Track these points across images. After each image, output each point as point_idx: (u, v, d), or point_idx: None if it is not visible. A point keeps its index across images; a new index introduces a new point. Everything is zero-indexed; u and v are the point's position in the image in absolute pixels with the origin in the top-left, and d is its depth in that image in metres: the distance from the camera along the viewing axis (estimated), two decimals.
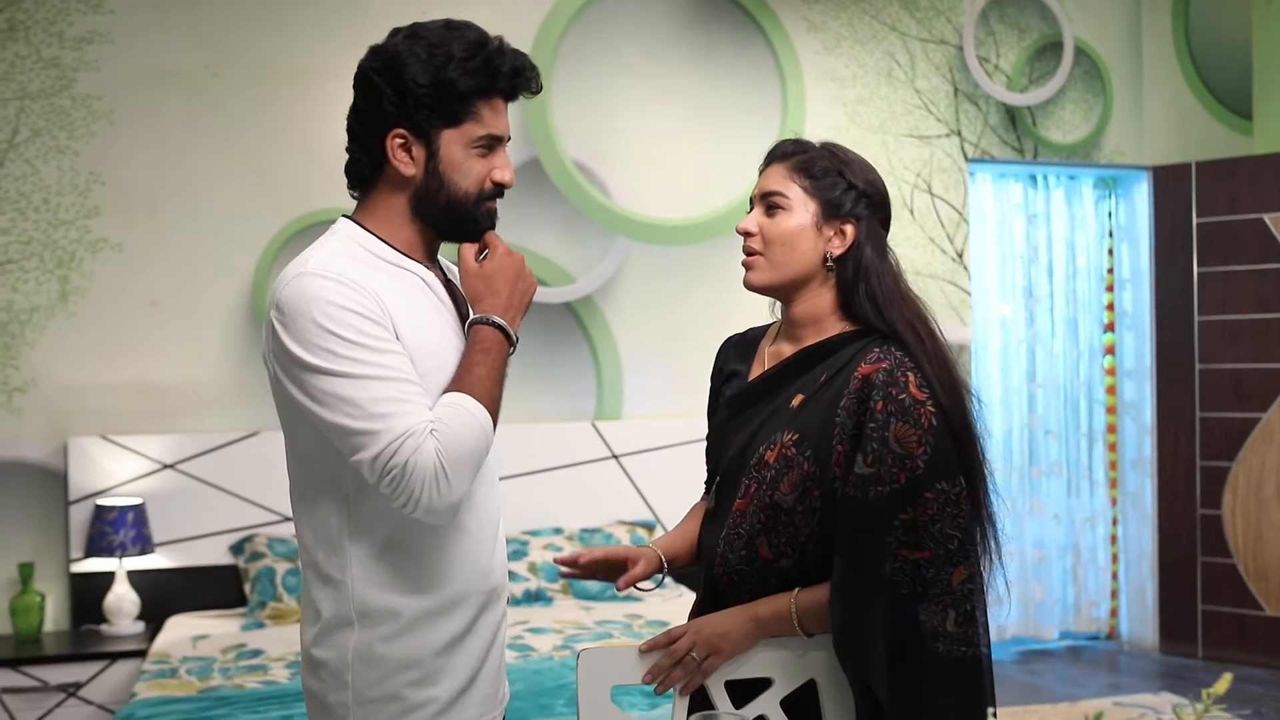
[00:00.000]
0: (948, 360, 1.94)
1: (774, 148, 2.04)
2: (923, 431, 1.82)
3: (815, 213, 1.96)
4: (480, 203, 1.89)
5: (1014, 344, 6.11)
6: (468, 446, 1.74)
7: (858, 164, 2.01)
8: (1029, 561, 6.10)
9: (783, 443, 1.91)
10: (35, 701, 4.26)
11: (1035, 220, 6.15)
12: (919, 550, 1.81)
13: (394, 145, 1.85)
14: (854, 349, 1.93)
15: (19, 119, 4.68)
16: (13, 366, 4.66)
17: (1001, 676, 5.64)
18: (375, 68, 1.85)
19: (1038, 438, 6.14)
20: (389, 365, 1.73)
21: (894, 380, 1.84)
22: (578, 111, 5.26)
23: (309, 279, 1.76)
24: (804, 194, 1.96)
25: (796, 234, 1.95)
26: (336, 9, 4.92)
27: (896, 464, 1.81)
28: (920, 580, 1.81)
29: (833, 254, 1.96)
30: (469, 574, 1.86)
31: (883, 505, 1.81)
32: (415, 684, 1.82)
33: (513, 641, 4.16)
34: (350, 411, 1.71)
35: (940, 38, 5.73)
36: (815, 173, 1.97)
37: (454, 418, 1.74)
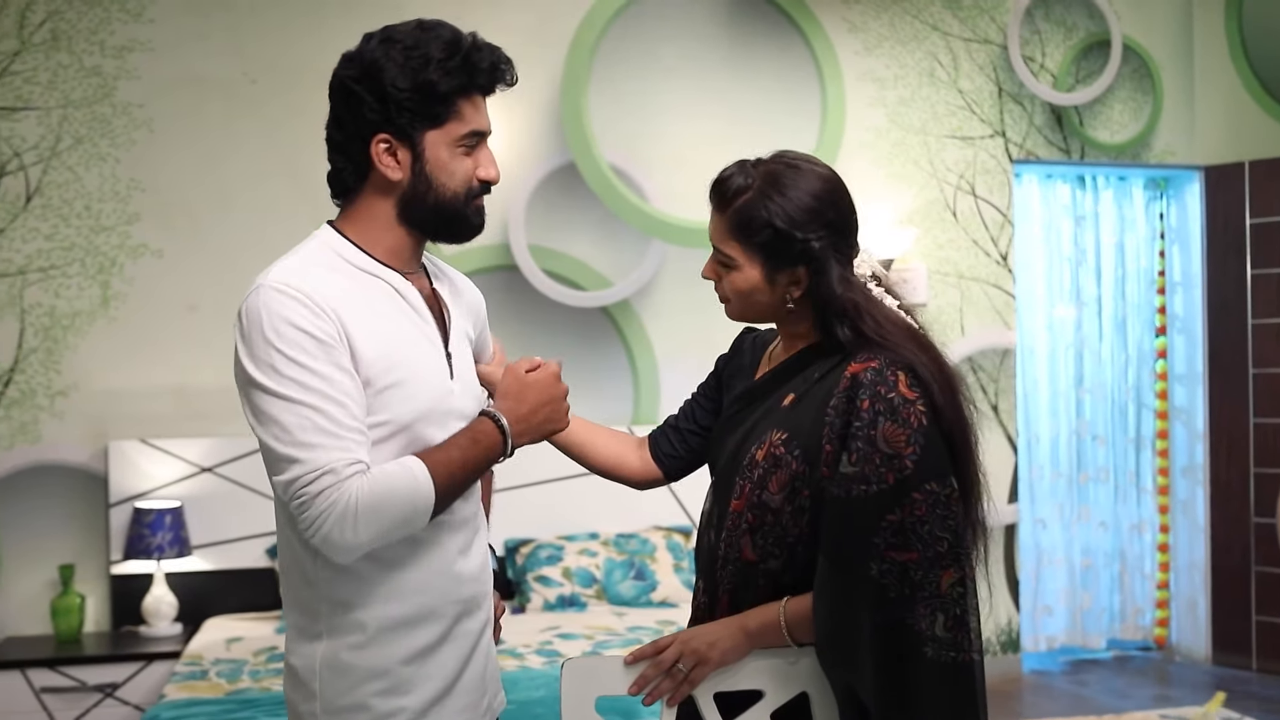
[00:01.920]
0: (945, 364, 1.90)
1: (714, 188, 1.95)
2: (911, 431, 1.78)
3: (762, 269, 1.91)
4: (469, 201, 1.88)
5: (1061, 348, 5.99)
6: (389, 510, 1.71)
7: (798, 197, 1.89)
8: (1076, 569, 5.98)
9: (771, 441, 1.88)
10: (73, 701, 4.32)
11: (1083, 222, 6.04)
12: (907, 552, 1.77)
13: (379, 151, 1.84)
14: (845, 350, 1.90)
15: (62, 127, 4.75)
16: (55, 371, 4.73)
17: (1048, 686, 5.55)
18: (353, 75, 1.84)
19: (1085, 443, 6.02)
20: (327, 393, 1.71)
21: (883, 379, 1.81)
22: (614, 115, 5.25)
23: (265, 291, 1.75)
24: (745, 253, 1.91)
25: (750, 290, 1.93)
26: (372, 13, 4.91)
27: (884, 464, 1.77)
28: (908, 583, 1.77)
29: (792, 298, 1.92)
30: (440, 584, 1.84)
31: (869, 505, 1.77)
32: (384, 693, 1.81)
33: (541, 647, 4.15)
34: (278, 434, 1.70)
35: (984, 37, 5.65)
36: (751, 230, 1.89)
37: (395, 477, 1.72)
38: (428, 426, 1.83)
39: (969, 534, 1.85)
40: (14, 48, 4.71)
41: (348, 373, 1.74)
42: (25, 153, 4.72)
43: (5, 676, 4.29)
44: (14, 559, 4.67)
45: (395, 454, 1.80)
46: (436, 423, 1.84)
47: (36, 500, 4.70)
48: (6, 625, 4.68)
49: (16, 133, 4.72)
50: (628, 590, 4.83)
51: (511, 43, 5.03)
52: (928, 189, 5.58)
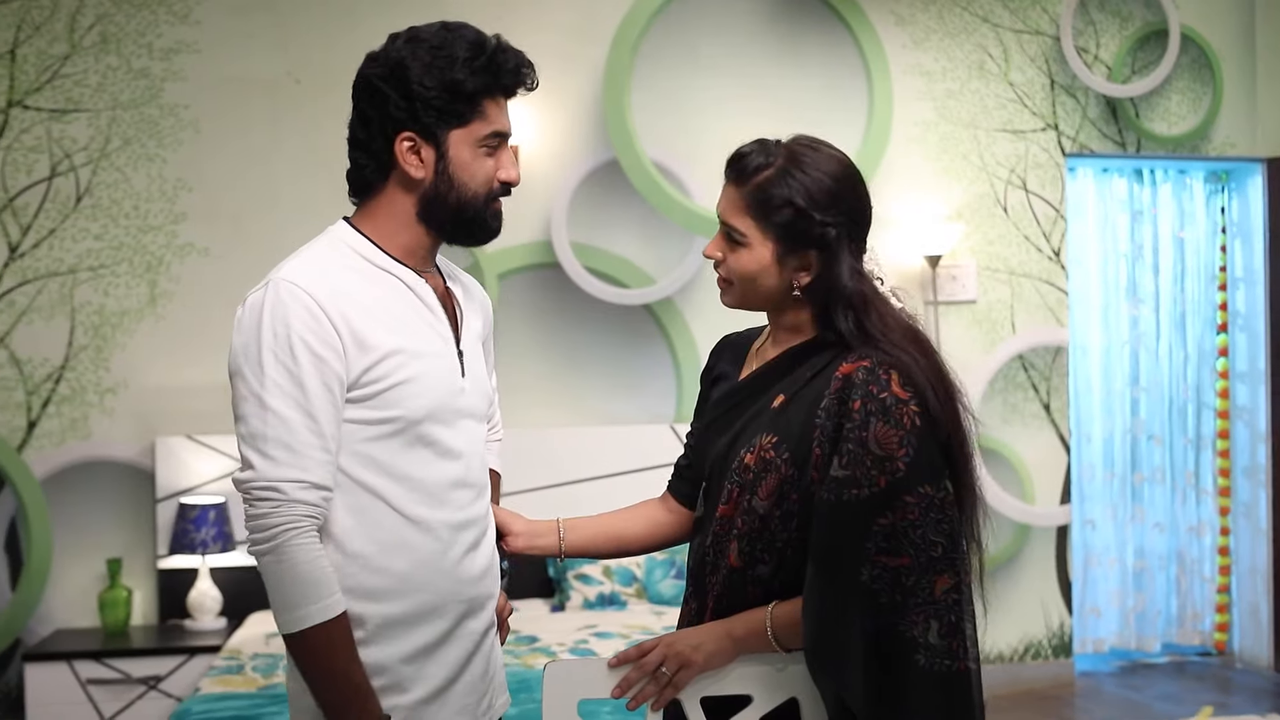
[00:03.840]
0: (945, 370, 1.85)
1: (732, 157, 1.90)
2: (904, 432, 1.73)
3: (774, 249, 1.85)
4: (489, 203, 1.90)
5: (1116, 346, 5.86)
6: (282, 582, 1.72)
7: (820, 178, 1.84)
8: (1129, 570, 5.85)
9: (761, 445, 1.83)
10: (118, 693, 4.39)
11: (1140, 217, 5.89)
12: (899, 557, 1.72)
13: (403, 149, 1.85)
14: (836, 350, 1.85)
15: (110, 128, 4.83)
16: (105, 368, 4.82)
17: (1098, 689, 5.45)
18: (379, 74, 1.86)
19: (1140, 443, 5.88)
20: (303, 406, 1.73)
21: (875, 378, 1.76)
22: (657, 112, 5.22)
23: (274, 289, 1.78)
24: (759, 231, 1.85)
25: (758, 271, 1.86)
26: (414, 13, 4.91)
27: (875, 466, 1.72)
28: (900, 589, 1.72)
29: (799, 284, 1.86)
30: (442, 583, 1.84)
31: (859, 509, 1.72)
32: (381, 691, 1.81)
33: (576, 645, 4.15)
34: (243, 433, 1.75)
35: (1036, 28, 5.53)
36: (770, 207, 1.83)
37: (310, 574, 1.71)
38: (435, 425, 1.84)
39: (965, 541, 1.80)
40: (64, 51, 4.80)
41: (330, 391, 1.75)
42: (75, 154, 4.81)
43: (53, 668, 4.38)
44: (64, 553, 4.76)
45: (404, 449, 1.81)
46: (445, 421, 1.86)
47: (86, 495, 4.79)
48: (56, 617, 4.77)
49: (67, 134, 4.80)
50: (668, 589, 4.81)
51: (554, 41, 5.13)
52: (977, 184, 5.49)
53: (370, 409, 1.79)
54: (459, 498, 1.87)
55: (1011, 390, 5.55)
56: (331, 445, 1.76)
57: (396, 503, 1.81)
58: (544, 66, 5.12)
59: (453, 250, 4.87)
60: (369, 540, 1.80)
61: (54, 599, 4.77)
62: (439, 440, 1.84)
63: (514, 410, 4.97)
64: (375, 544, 1.80)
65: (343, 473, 1.79)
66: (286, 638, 1.74)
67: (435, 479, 1.84)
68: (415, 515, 1.82)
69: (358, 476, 1.80)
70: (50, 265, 4.79)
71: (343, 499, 1.79)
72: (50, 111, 4.79)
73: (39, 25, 4.78)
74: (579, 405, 5.19)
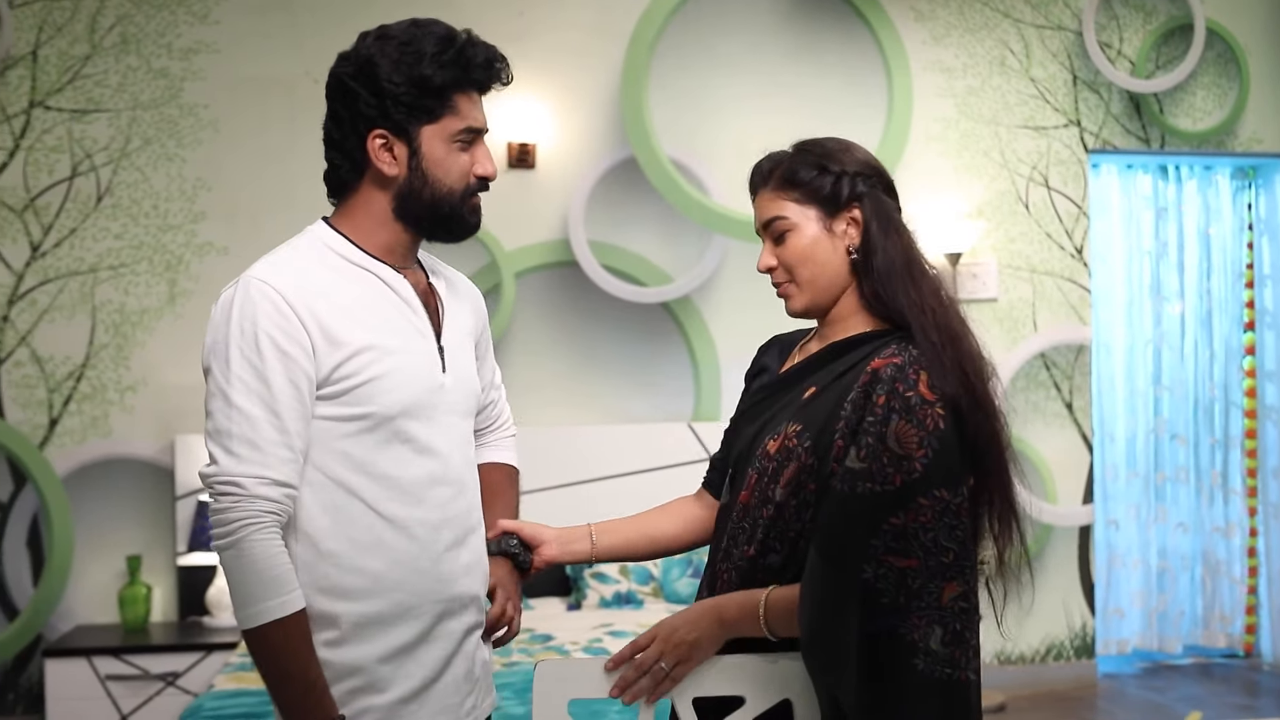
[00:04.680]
0: (977, 351, 1.82)
1: (752, 175, 1.96)
2: (926, 434, 1.71)
3: (818, 217, 1.88)
4: (465, 199, 1.89)
5: (1140, 344, 5.79)
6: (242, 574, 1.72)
7: (835, 147, 1.91)
8: (1153, 571, 5.78)
9: (786, 433, 1.82)
10: (136, 689, 4.42)
11: (1165, 213, 5.83)
12: (907, 558, 1.69)
13: (375, 146, 1.84)
14: (876, 344, 1.83)
15: (131, 128, 4.86)
16: (125, 366, 4.85)
17: (1120, 691, 5.40)
18: (348, 72, 1.85)
19: (1163, 442, 5.81)
20: (268, 404, 1.73)
21: (903, 376, 1.73)
22: (675, 110, 5.21)
23: (244, 286, 1.79)
24: (799, 205, 1.88)
25: (812, 246, 1.87)
26: (430, 12, 4.97)
27: (893, 464, 1.70)
28: (905, 590, 1.69)
29: (853, 245, 1.88)
30: (419, 582, 1.83)
31: (871, 504, 1.70)
32: (356, 692, 1.80)
33: (590, 644, 4.14)
34: (209, 428, 1.76)
35: (1058, 23, 5.48)
36: (800, 179, 1.88)
37: (269, 570, 1.71)
38: (411, 421, 1.83)
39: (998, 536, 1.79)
40: (85, 52, 4.83)
41: (296, 388, 1.76)
42: (96, 154, 4.85)
43: (72, 664, 4.41)
44: (85, 549, 4.80)
45: (379, 446, 1.81)
46: (423, 417, 1.84)
47: (106, 492, 4.82)
48: (77, 614, 4.81)
49: (88, 134, 4.84)
50: (685, 588, 4.79)
51: (571, 39, 5.13)
52: (998, 181, 5.44)
53: (343, 405, 1.79)
54: (437, 495, 1.85)
55: (1033, 389, 5.50)
56: (297, 443, 1.75)
57: (372, 501, 1.80)
58: (562, 64, 5.20)
59: (468, 247, 4.90)
60: (343, 538, 1.79)
61: (75, 595, 4.81)
62: (415, 437, 1.83)
63: (531, 408, 4.98)
64: (349, 542, 1.79)
65: (318, 470, 1.79)
66: (245, 633, 1.74)
67: (412, 476, 1.83)
68: (390, 513, 1.81)
69: (333, 474, 1.79)
70: (71, 264, 4.83)
71: (317, 497, 1.79)
72: (71, 112, 4.83)
73: (60, 26, 4.82)
74: (596, 404, 5.18)
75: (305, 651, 1.73)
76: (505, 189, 5.07)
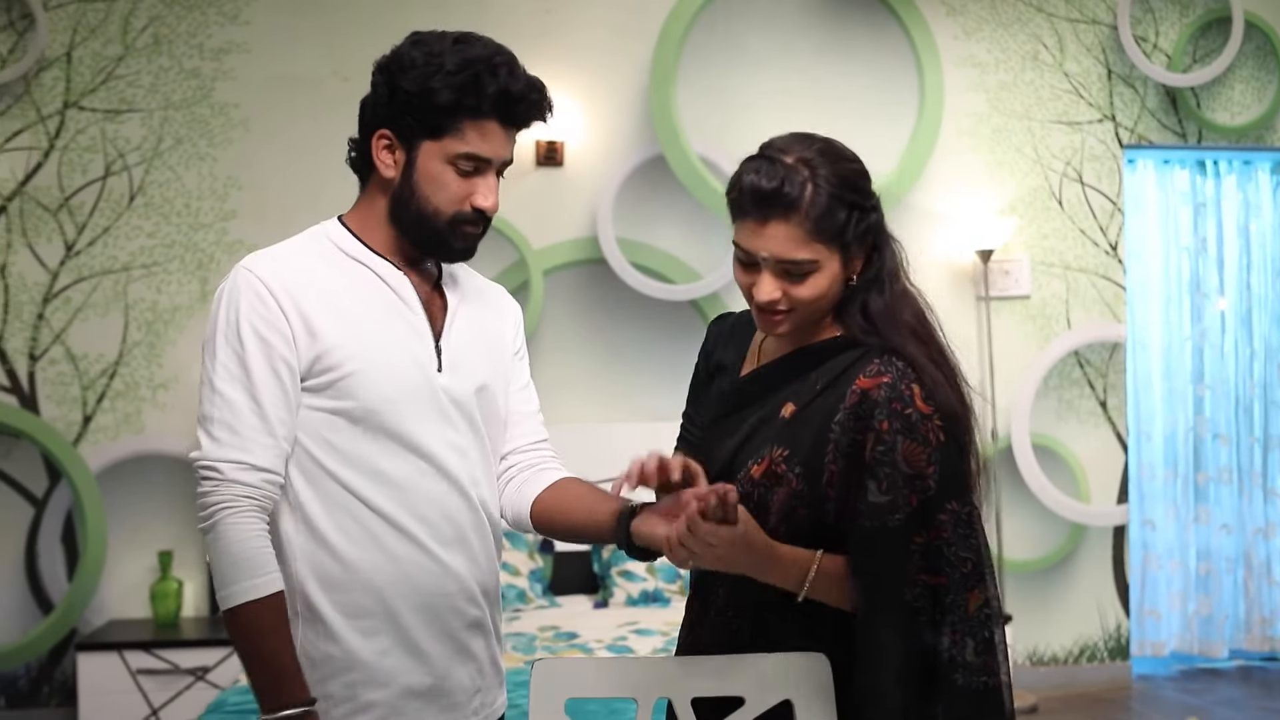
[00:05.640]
0: (952, 364, 1.80)
1: (761, 194, 1.72)
2: (930, 449, 1.70)
3: (839, 258, 1.77)
4: (455, 225, 1.85)
5: (1178, 342, 5.71)
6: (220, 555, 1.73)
7: (842, 166, 1.77)
8: (1192, 573, 5.69)
9: (772, 458, 1.78)
10: (167, 683, 4.47)
11: (1203, 209, 5.74)
12: (938, 575, 1.70)
13: (378, 145, 1.86)
14: (851, 356, 1.78)
15: (163, 128, 4.91)
16: (157, 364, 4.90)
17: (1156, 694, 5.33)
18: (381, 65, 1.87)
19: (1204, 442, 5.72)
20: (249, 390, 1.75)
21: (898, 395, 1.71)
22: (704, 107, 5.19)
23: (235, 274, 1.82)
24: (828, 248, 1.75)
25: (830, 286, 1.77)
26: (458, 12, 4.98)
27: (907, 485, 1.69)
28: (940, 607, 1.70)
29: (855, 275, 1.80)
30: (416, 577, 1.83)
31: (899, 530, 1.69)
32: (361, 684, 1.81)
33: (615, 642, 4.14)
34: (198, 415, 1.80)
35: (1092, 17, 5.41)
36: (834, 221, 1.73)
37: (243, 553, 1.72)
38: (399, 416, 1.82)
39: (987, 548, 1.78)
40: (118, 53, 4.89)
41: (278, 376, 1.77)
42: (129, 153, 4.90)
43: (105, 657, 4.46)
44: (118, 545, 4.85)
45: (365, 440, 1.81)
46: (410, 414, 1.83)
47: (139, 488, 4.87)
48: (111, 608, 4.87)
49: (121, 134, 4.89)
50: None
51: (599, 36, 5.12)
52: (1031, 176, 5.38)
53: (327, 398, 1.80)
54: (429, 491, 1.84)
55: (1066, 387, 5.44)
56: (279, 429, 1.76)
57: (362, 493, 1.80)
58: (589, 62, 5.19)
59: (496, 246, 4.91)
60: (338, 529, 1.80)
61: (108, 590, 4.86)
62: (403, 433, 1.82)
63: (559, 405, 4.97)
64: (343, 533, 1.80)
65: (310, 460, 1.80)
66: (223, 614, 1.76)
67: (400, 472, 1.82)
68: (381, 507, 1.81)
69: (324, 464, 1.80)
70: (105, 263, 4.88)
71: (312, 486, 1.80)
72: (105, 112, 4.88)
73: (94, 28, 4.87)
74: (624, 401, 5.18)
75: (277, 634, 1.74)
76: (533, 187, 5.08)
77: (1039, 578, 5.37)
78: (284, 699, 1.73)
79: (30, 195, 4.85)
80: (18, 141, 4.85)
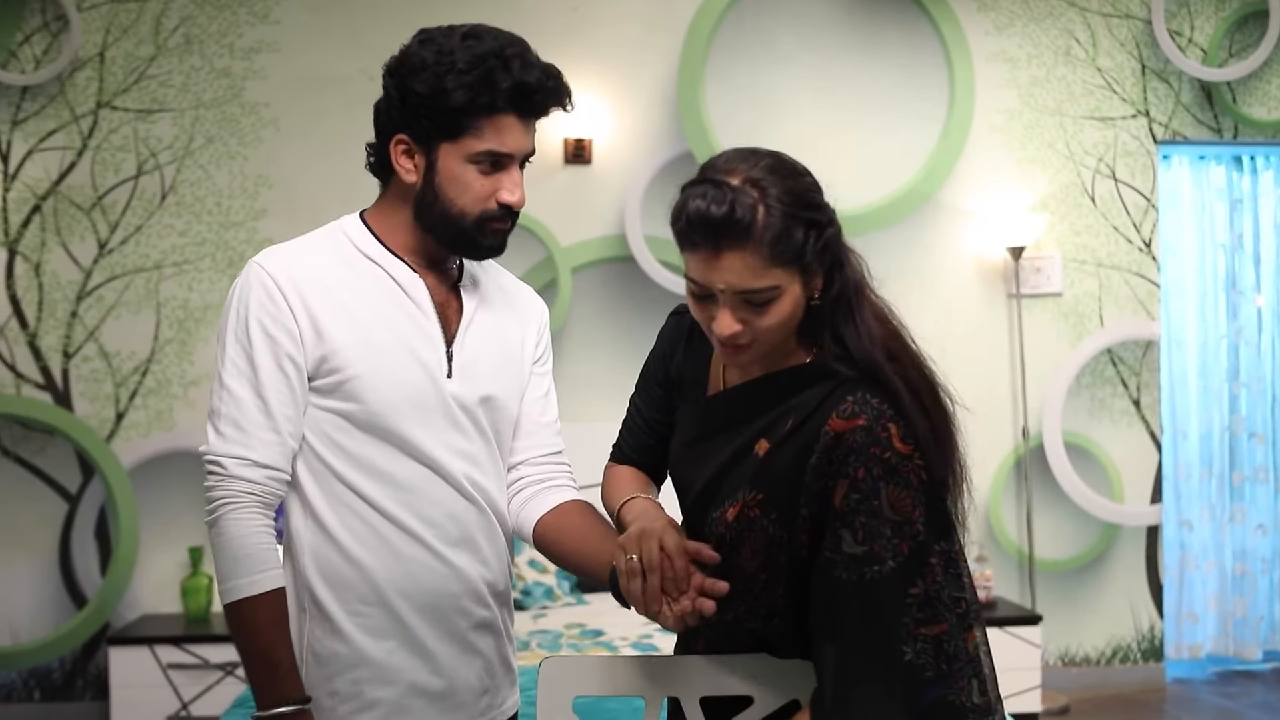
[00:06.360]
0: (929, 375, 1.70)
1: (710, 223, 1.58)
2: (914, 491, 1.61)
3: (800, 280, 1.65)
4: (483, 223, 1.82)
5: (1213, 340, 5.63)
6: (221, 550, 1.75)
7: (792, 184, 1.63)
8: (1229, 574, 5.61)
9: (745, 501, 1.70)
10: (197, 678, 4.51)
11: (1240, 205, 5.66)
12: (938, 624, 1.62)
13: (397, 150, 1.83)
14: (823, 389, 1.68)
15: (194, 127, 4.95)
16: (188, 361, 4.95)
17: (1191, 697, 5.26)
18: (390, 68, 1.83)
19: (1240, 441, 5.64)
20: (255, 386, 1.75)
21: (875, 439, 1.61)
22: (733, 104, 5.17)
23: (246, 269, 1.82)
24: (786, 274, 1.62)
25: (794, 311, 1.66)
26: (487, 10, 4.98)
27: (895, 534, 1.60)
28: (944, 656, 1.62)
29: (816, 296, 1.70)
30: (427, 577, 1.82)
31: (889, 584, 1.60)
32: (367, 681, 1.81)
33: (639, 640, 4.13)
34: (209, 405, 1.81)
35: (1125, 11, 5.35)
36: (792, 243, 1.60)
37: (243, 549, 1.74)
38: (403, 421, 1.80)
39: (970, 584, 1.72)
40: (150, 53, 4.93)
41: (284, 373, 1.76)
42: (161, 153, 4.94)
43: (136, 652, 4.51)
44: (150, 540, 4.90)
45: (370, 442, 1.80)
46: (415, 418, 1.81)
47: (170, 485, 4.92)
48: (143, 603, 4.91)
49: (153, 134, 4.94)
50: None
51: (628, 32, 5.12)
52: (1064, 173, 5.33)
53: (333, 399, 1.79)
54: (434, 493, 1.83)
55: (1099, 385, 5.38)
56: (284, 426, 1.76)
57: (368, 494, 1.80)
58: (617, 59, 5.19)
59: (525, 244, 4.92)
60: (344, 528, 1.80)
61: (141, 585, 4.91)
62: (406, 438, 1.80)
63: (586, 405, 4.98)
64: (349, 531, 1.80)
65: (317, 459, 1.80)
66: (224, 609, 1.77)
67: (406, 475, 1.81)
68: (386, 508, 1.80)
69: (330, 464, 1.80)
70: (137, 261, 4.93)
71: (319, 485, 1.80)
72: (137, 112, 4.93)
73: (126, 28, 4.92)
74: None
75: (273, 631, 1.75)
76: (561, 185, 5.08)
77: (1071, 577, 5.32)
78: (279, 696, 1.73)
79: (64, 194, 4.91)
80: (52, 141, 4.90)
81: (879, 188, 5.15)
